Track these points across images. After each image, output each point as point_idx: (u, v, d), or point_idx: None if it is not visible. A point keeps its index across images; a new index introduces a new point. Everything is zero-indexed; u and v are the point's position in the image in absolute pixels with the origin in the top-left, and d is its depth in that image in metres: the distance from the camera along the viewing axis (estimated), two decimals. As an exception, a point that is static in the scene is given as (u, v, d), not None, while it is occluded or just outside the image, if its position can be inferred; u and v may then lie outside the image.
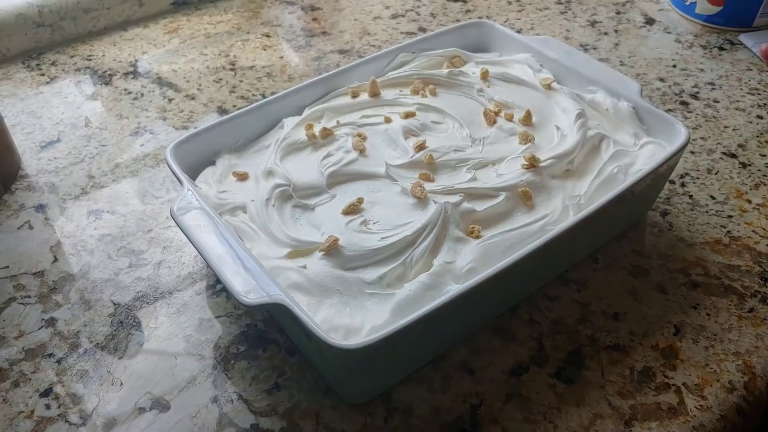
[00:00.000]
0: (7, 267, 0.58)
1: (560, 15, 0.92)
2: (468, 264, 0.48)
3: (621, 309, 0.54)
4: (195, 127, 0.70)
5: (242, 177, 0.57)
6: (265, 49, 0.86)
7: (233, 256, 0.46)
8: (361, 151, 0.57)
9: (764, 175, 0.66)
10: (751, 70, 0.80)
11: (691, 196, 0.64)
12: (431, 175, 0.55)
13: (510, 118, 0.61)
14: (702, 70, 0.81)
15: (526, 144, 0.59)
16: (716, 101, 0.76)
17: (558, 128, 0.60)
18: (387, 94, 0.65)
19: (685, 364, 0.50)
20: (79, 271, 0.58)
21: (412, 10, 0.94)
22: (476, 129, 0.61)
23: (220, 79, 0.80)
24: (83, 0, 0.87)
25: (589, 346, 0.51)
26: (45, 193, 0.66)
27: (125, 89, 0.80)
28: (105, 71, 0.83)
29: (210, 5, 0.96)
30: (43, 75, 0.82)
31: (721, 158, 0.68)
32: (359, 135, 0.59)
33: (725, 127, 0.72)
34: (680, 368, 0.50)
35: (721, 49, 0.84)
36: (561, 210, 0.53)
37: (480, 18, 0.89)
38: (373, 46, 0.86)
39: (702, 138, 0.71)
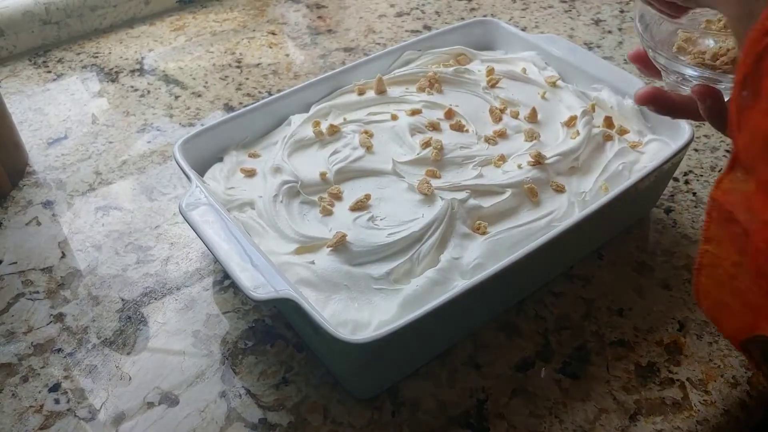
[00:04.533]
0: (15, 263, 0.59)
1: (564, 13, 0.92)
2: (475, 260, 0.48)
3: (626, 305, 0.54)
4: (201, 124, 0.70)
5: (250, 173, 0.57)
6: (270, 47, 0.86)
7: (242, 251, 0.46)
8: (368, 148, 0.58)
9: (768, 173, 0.66)
10: (755, 68, 0.80)
11: (694, 194, 0.64)
12: (438, 171, 0.55)
13: (516, 116, 0.62)
14: (706, 68, 0.81)
15: (531, 141, 0.59)
16: (720, 99, 0.76)
17: (563, 125, 0.60)
18: (393, 91, 0.65)
19: (689, 359, 0.50)
20: (86, 267, 0.58)
21: (417, 8, 0.94)
22: (482, 126, 0.61)
23: (227, 77, 0.81)
24: (89, -2, 0.87)
25: (594, 342, 0.51)
26: (52, 190, 0.66)
27: (132, 86, 0.80)
28: (111, 68, 0.83)
29: (216, 3, 0.96)
30: (49, 72, 0.83)
31: (724, 156, 0.68)
32: (366, 132, 0.59)
33: (729, 125, 0.72)
34: (684, 364, 0.50)
35: (725, 47, 0.84)
36: (566, 206, 0.53)
37: (485, 16, 0.90)
38: (378, 44, 0.86)
39: (705, 136, 0.71)
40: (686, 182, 0.65)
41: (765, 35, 0.28)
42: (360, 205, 0.53)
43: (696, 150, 0.69)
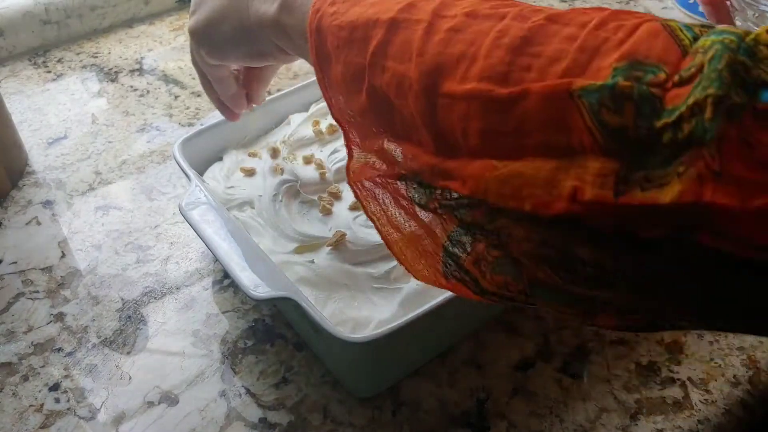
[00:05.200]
0: (16, 262, 0.59)
1: (564, 13, 0.92)
2: (475, 259, 0.48)
3: (626, 304, 0.54)
4: (201, 124, 0.70)
5: (250, 173, 0.57)
6: (270, 47, 0.86)
7: (241, 251, 0.46)
8: (368, 148, 0.58)
9: None
10: (755, 67, 0.80)
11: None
12: (437, 171, 0.55)
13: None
14: (706, 67, 0.81)
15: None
16: (720, 98, 0.76)
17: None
18: (393, 90, 0.65)
19: (689, 359, 0.50)
20: (86, 267, 0.58)
21: (416, 7, 0.94)
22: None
23: (226, 77, 0.81)
24: (89, -3, 0.87)
25: (594, 341, 0.51)
26: (52, 189, 0.66)
27: (131, 86, 0.80)
28: (111, 68, 0.83)
29: (215, 3, 0.96)
30: (49, 72, 0.83)
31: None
32: (365, 131, 0.59)
33: (729, 124, 0.72)
34: (685, 363, 0.50)
35: (725, 46, 0.84)
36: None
37: (484, 15, 0.89)
38: (378, 43, 0.86)
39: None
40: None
41: (315, 13, 0.36)
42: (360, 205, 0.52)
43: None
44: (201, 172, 0.57)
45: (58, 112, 0.76)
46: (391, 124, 0.34)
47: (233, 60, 0.47)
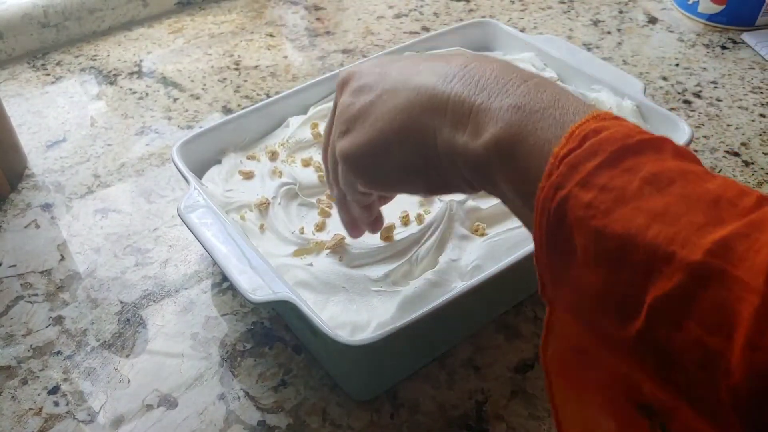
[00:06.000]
0: (15, 266, 0.59)
1: (563, 14, 0.92)
2: (473, 261, 0.48)
3: (625, 306, 0.54)
4: (200, 127, 0.70)
5: (248, 175, 0.57)
6: (269, 49, 0.86)
7: (240, 254, 0.46)
8: (366, 150, 0.58)
9: (767, 174, 0.66)
10: (753, 69, 0.80)
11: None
12: (436, 173, 0.55)
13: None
14: (705, 69, 0.81)
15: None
16: (719, 100, 0.76)
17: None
18: (391, 93, 0.65)
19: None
20: (85, 270, 0.58)
21: (415, 9, 0.94)
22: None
23: (225, 79, 0.81)
24: (88, 0, 0.87)
25: (593, 343, 0.51)
26: (51, 192, 0.66)
27: (130, 89, 0.80)
28: (110, 71, 0.83)
29: (214, 5, 0.96)
30: (48, 75, 0.83)
31: (724, 157, 0.68)
32: (364, 134, 0.59)
33: (728, 125, 0.72)
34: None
35: (723, 48, 0.84)
36: (565, 208, 0.53)
37: (483, 17, 0.90)
38: (377, 45, 0.86)
39: (705, 137, 0.71)
40: (685, 183, 0.65)
41: (557, 189, 0.27)
42: (358, 207, 0.52)
43: (695, 151, 0.69)
44: (200, 175, 0.57)
45: (56, 114, 0.76)
46: (665, 376, 0.26)
47: (399, 191, 0.39)
